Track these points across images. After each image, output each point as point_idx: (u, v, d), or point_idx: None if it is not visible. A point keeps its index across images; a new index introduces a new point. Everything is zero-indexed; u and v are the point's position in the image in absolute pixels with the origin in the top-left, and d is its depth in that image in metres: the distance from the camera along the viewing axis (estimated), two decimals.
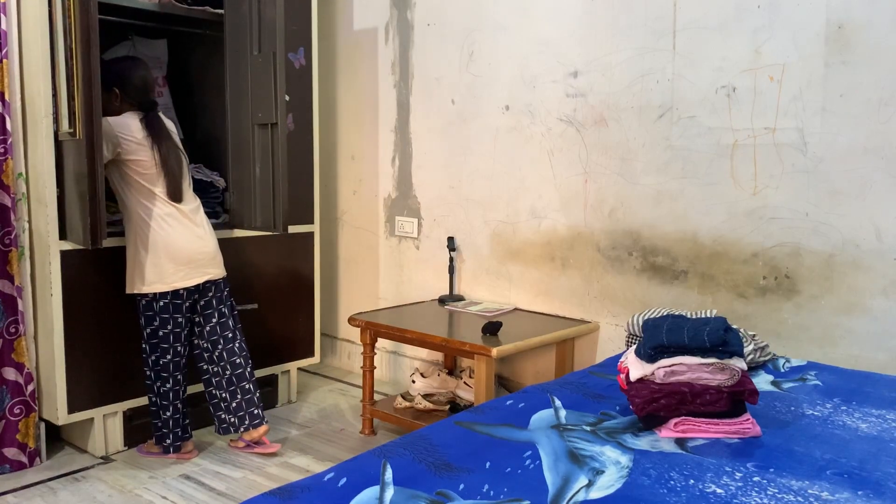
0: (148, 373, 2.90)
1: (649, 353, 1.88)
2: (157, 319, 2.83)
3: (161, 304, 2.81)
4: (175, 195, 2.81)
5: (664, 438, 1.80)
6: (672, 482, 1.55)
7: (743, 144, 2.72)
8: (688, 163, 2.86)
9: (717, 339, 1.82)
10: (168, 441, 2.92)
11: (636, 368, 1.92)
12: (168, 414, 2.90)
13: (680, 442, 1.78)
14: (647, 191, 2.97)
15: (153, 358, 2.87)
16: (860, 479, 1.57)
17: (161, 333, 2.84)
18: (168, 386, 2.88)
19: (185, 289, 2.83)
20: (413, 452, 1.67)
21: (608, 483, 1.55)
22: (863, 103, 2.48)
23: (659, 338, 1.87)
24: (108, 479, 2.82)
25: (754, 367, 2.41)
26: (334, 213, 4.21)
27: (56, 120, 2.75)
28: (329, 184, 4.17)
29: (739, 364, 1.85)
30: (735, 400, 1.83)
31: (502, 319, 3.09)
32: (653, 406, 1.83)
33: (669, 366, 1.85)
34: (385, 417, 3.20)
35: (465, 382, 3.30)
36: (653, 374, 1.87)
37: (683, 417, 1.82)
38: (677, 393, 1.82)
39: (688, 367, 1.84)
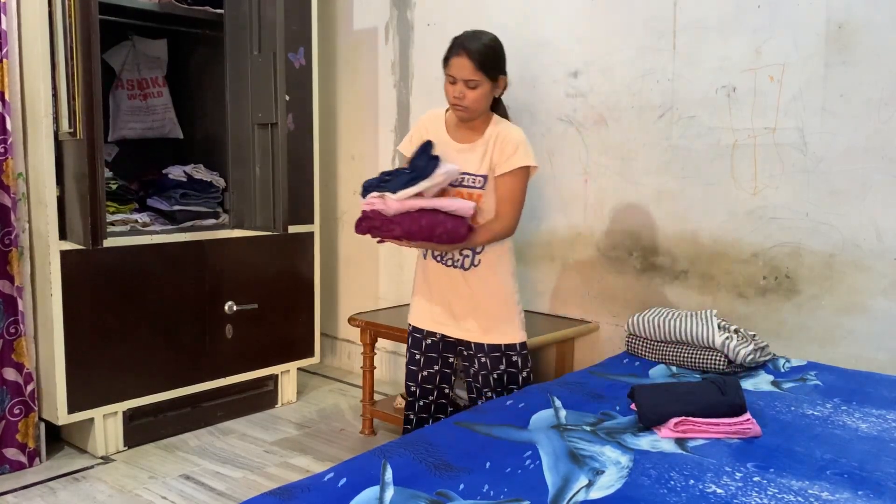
0: None
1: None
2: None
3: None
4: None
5: (664, 438, 1.80)
6: (672, 482, 1.55)
7: (743, 144, 2.72)
8: (688, 163, 2.86)
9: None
10: None
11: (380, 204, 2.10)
12: None
13: (680, 442, 1.78)
14: (647, 191, 2.96)
15: None
16: (860, 479, 1.57)
17: None
18: None
19: None
20: (413, 452, 1.67)
21: (608, 483, 1.55)
22: (863, 103, 2.47)
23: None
24: (108, 479, 2.82)
25: (754, 367, 2.41)
26: (334, 213, 4.21)
27: (56, 120, 2.75)
28: (329, 184, 4.17)
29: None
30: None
31: None
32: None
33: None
34: (385, 417, 3.20)
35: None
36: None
37: (683, 418, 1.82)
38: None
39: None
